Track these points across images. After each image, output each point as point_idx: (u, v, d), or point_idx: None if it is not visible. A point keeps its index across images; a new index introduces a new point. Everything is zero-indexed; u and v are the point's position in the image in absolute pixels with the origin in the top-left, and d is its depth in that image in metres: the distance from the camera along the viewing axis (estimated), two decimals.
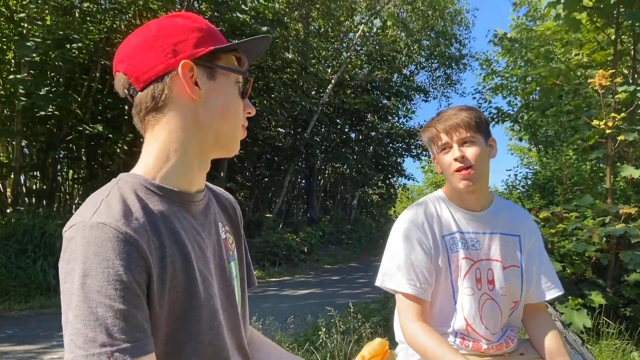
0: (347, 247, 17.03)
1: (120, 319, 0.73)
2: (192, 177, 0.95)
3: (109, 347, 0.71)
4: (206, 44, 0.91)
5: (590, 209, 5.78)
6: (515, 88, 14.85)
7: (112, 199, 0.82)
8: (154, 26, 0.93)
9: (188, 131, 0.92)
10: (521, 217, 1.70)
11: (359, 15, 18.65)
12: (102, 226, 0.76)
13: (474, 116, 1.55)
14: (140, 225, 0.80)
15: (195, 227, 0.93)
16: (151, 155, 0.93)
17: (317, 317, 3.94)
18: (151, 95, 0.90)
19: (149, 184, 0.89)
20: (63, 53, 8.33)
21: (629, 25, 5.93)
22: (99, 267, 0.73)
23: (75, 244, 0.76)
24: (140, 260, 0.77)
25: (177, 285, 0.84)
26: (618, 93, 5.26)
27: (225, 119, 0.94)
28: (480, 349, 1.56)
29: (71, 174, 11.34)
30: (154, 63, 0.89)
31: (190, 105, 0.91)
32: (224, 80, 0.94)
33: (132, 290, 0.76)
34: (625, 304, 5.51)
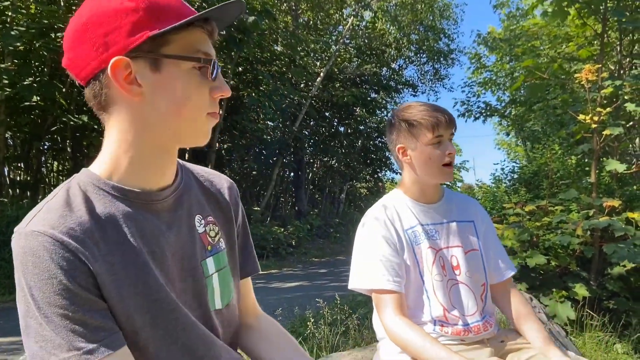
0: (335, 240, 17.09)
1: (79, 324, 0.72)
2: (153, 174, 0.87)
3: (75, 351, 0.71)
4: (142, 28, 0.77)
5: (575, 202, 5.85)
6: (504, 83, 14.96)
7: (54, 203, 0.78)
8: (85, 11, 0.79)
9: (137, 132, 0.82)
10: (471, 204, 1.80)
11: (348, 8, 18.60)
12: (37, 235, 0.73)
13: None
14: (82, 231, 0.75)
15: (158, 226, 0.86)
16: (106, 154, 0.85)
17: (305, 310, 3.94)
18: (92, 95, 0.81)
19: (103, 184, 0.83)
20: (47, 42, 8.20)
21: (615, 21, 5.99)
22: (42, 279, 0.71)
23: (16, 254, 0.73)
24: (82, 266, 0.74)
25: (135, 293, 0.79)
26: (604, 88, 5.31)
27: (180, 114, 0.82)
28: (459, 333, 1.58)
29: (56, 166, 11.22)
30: (87, 59, 0.78)
31: (134, 104, 0.80)
32: (173, 69, 0.80)
33: (82, 295, 0.73)
34: (609, 296, 5.59)
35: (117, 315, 0.78)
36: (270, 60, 14.48)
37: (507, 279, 1.72)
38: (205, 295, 0.94)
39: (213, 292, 0.97)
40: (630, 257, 4.75)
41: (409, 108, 1.65)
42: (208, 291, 0.95)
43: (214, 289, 0.97)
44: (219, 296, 0.98)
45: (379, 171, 23.75)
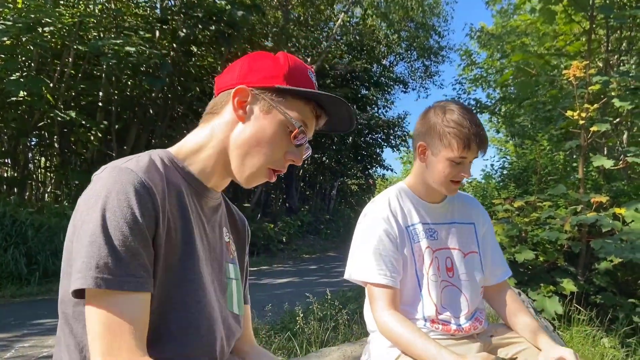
0: (326, 236, 17.12)
1: (130, 254, 0.80)
2: (212, 175, 1.02)
3: (117, 276, 0.79)
4: (274, 77, 0.98)
5: (563, 198, 5.89)
6: (494, 80, 15.03)
7: (142, 158, 0.91)
8: (248, 57, 1.03)
9: (222, 140, 1.00)
10: (474, 205, 1.79)
11: (339, 5, 18.57)
12: (130, 171, 0.85)
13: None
14: (162, 187, 0.88)
15: (201, 216, 1.01)
16: (190, 143, 1.02)
17: (295, 305, 3.94)
18: (215, 102, 1.03)
19: (174, 160, 0.98)
20: (35, 37, 8.10)
21: (602, 18, 6.04)
22: (119, 205, 0.81)
23: (104, 181, 0.84)
24: (153, 211, 0.85)
25: (174, 252, 0.90)
26: (592, 84, 5.35)
27: (253, 149, 0.98)
28: (449, 330, 1.59)
29: (43, 162, 11.10)
30: (228, 80, 1.01)
31: (234, 121, 0.99)
32: (274, 119, 0.98)
33: (143, 233, 0.83)
34: (596, 291, 5.65)
35: (156, 264, 0.87)
36: None
37: (502, 281, 1.74)
38: (225, 294, 1.06)
39: (232, 295, 1.09)
40: (617, 252, 4.79)
41: (451, 113, 1.56)
42: (228, 291, 1.07)
43: (232, 293, 1.09)
44: (236, 303, 1.10)
45: (370, 168, 23.80)
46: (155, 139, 11.71)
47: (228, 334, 1.04)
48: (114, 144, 10.58)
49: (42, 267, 6.88)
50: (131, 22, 11.08)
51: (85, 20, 9.30)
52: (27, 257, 6.82)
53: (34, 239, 7.05)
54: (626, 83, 5.54)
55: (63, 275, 0.90)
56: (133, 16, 11.42)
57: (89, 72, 10.54)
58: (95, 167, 4.16)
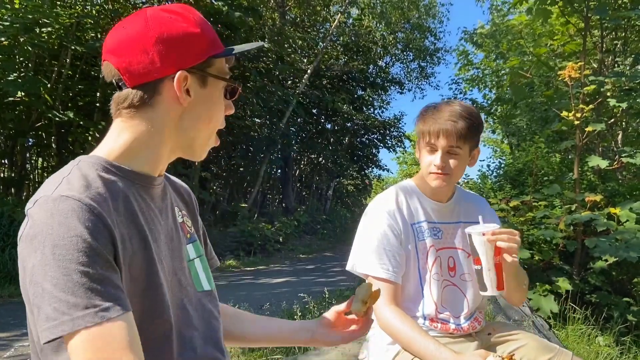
0: (322, 236, 17.12)
1: (97, 282, 0.75)
2: (159, 164, 0.98)
3: (92, 309, 0.73)
4: (203, 50, 0.93)
5: (558, 198, 5.93)
6: (491, 81, 15.04)
7: (73, 176, 0.83)
8: (152, 23, 0.91)
9: (167, 132, 0.94)
10: (480, 205, 1.78)
11: (335, 6, 18.59)
12: (65, 198, 0.77)
13: (470, 126, 1.53)
14: (102, 199, 0.82)
15: (153, 209, 0.96)
16: (119, 142, 0.93)
17: (292, 304, 3.96)
18: (140, 96, 0.91)
19: (109, 164, 0.90)
20: (32, 37, 8.10)
21: (598, 19, 6.08)
22: (67, 237, 0.74)
23: (40, 218, 0.77)
24: (105, 230, 0.78)
25: (136, 264, 0.86)
26: (587, 85, 5.39)
27: (209, 124, 0.98)
28: (448, 329, 1.61)
29: (40, 162, 11.08)
30: (149, 67, 0.89)
31: (176, 109, 0.93)
32: (213, 87, 0.96)
33: (103, 256, 0.77)
34: (591, 290, 5.68)
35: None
36: (258, 57, 14.43)
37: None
38: (190, 278, 1.03)
39: (197, 274, 1.06)
40: (612, 252, 4.82)
41: (434, 106, 1.61)
42: (192, 274, 1.04)
43: (198, 272, 1.07)
44: (205, 279, 1.08)
45: (366, 168, 23.83)
46: None
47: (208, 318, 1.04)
48: None
49: None
50: None
51: (82, 21, 9.30)
52: None
53: None
54: (621, 84, 5.58)
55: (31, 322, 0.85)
56: None
57: (87, 73, 10.53)
58: None
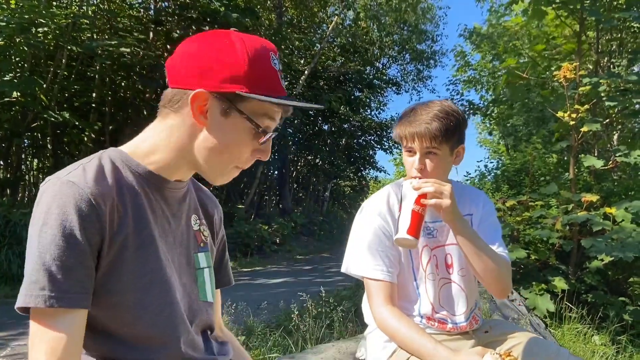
0: (319, 238, 17.12)
1: (63, 270, 0.79)
2: (176, 170, 0.98)
3: (47, 292, 0.78)
4: (237, 83, 0.89)
5: (554, 197, 5.96)
6: (487, 82, 15.11)
7: (89, 165, 0.87)
8: (203, 38, 0.94)
9: (182, 144, 0.95)
10: (473, 195, 1.74)
11: (332, 7, 18.62)
12: (71, 184, 0.82)
13: (446, 126, 1.50)
14: (108, 192, 0.85)
15: (164, 210, 0.97)
16: (147, 141, 0.97)
17: (290, 304, 3.96)
18: (170, 97, 0.94)
19: (129, 160, 0.93)
20: (28, 38, 8.07)
21: (593, 20, 6.11)
22: (57, 219, 0.79)
23: (45, 195, 0.82)
24: (97, 223, 0.82)
25: (132, 258, 0.88)
26: (582, 86, 5.42)
27: (219, 156, 0.95)
28: (445, 328, 1.62)
29: (36, 163, 11.04)
30: (185, 75, 0.91)
31: (195, 127, 0.93)
32: (237, 122, 0.92)
33: (81, 247, 0.81)
34: (587, 290, 5.72)
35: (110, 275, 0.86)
36: None
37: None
38: (195, 284, 1.04)
39: (204, 284, 1.07)
40: (608, 251, 4.86)
41: (411, 109, 1.59)
42: (198, 282, 1.05)
43: (205, 281, 1.07)
44: (210, 291, 1.09)
45: (363, 169, 23.83)
46: None
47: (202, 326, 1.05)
48: (107, 145, 10.52)
49: None
50: (125, 24, 11.06)
51: (78, 21, 9.28)
52: (20, 257, 6.79)
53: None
54: (616, 84, 5.61)
55: None
56: (127, 17, 11.41)
57: (83, 73, 10.51)
58: None
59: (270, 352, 3.26)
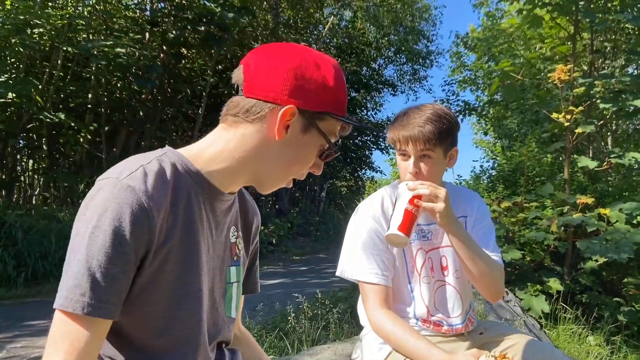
0: (316, 238, 17.11)
1: (107, 279, 0.78)
2: (232, 184, 0.98)
3: (87, 299, 0.77)
4: (323, 103, 0.92)
5: (549, 199, 5.98)
6: (483, 83, 15.15)
7: (150, 168, 0.85)
8: (297, 55, 0.93)
9: (251, 154, 0.93)
10: (467, 197, 1.74)
11: (329, 8, 18.63)
12: (131, 190, 0.80)
13: (439, 129, 1.50)
14: (163, 202, 0.84)
15: (211, 222, 0.96)
16: (212, 148, 0.95)
17: (286, 305, 3.97)
18: (247, 107, 0.92)
19: (189, 167, 0.91)
20: (23, 38, 8.05)
21: (587, 22, 6.14)
22: (111, 225, 0.78)
23: (101, 195, 0.80)
24: (147, 234, 0.81)
25: (174, 269, 0.87)
26: (576, 87, 5.45)
27: (285, 169, 0.97)
28: (440, 330, 1.62)
29: (31, 164, 11.00)
30: (270, 87, 0.90)
31: (269, 139, 0.92)
32: (313, 139, 0.95)
33: (128, 257, 0.80)
34: (582, 290, 5.75)
35: (148, 286, 0.85)
36: None
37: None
38: (224, 299, 1.03)
39: (231, 299, 1.06)
40: (602, 252, 4.88)
41: (404, 112, 1.59)
42: (226, 297, 1.04)
43: (232, 296, 1.07)
44: (234, 306, 1.08)
45: (359, 170, 23.84)
46: (145, 141, 11.67)
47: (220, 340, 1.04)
48: (103, 146, 10.53)
49: (31, 270, 6.84)
50: (121, 24, 11.04)
51: (74, 22, 9.25)
52: (16, 259, 6.77)
53: (23, 241, 7.01)
54: (610, 85, 5.64)
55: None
56: (123, 18, 11.39)
57: (78, 74, 10.49)
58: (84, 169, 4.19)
59: (267, 353, 3.26)
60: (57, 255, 7.09)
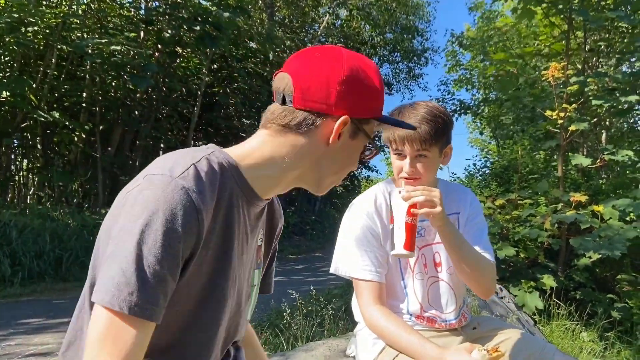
0: (312, 237, 17.13)
1: (156, 280, 0.76)
2: (272, 191, 0.98)
3: (134, 298, 0.74)
4: (373, 109, 0.96)
5: (543, 196, 6.02)
6: (478, 82, 15.21)
7: (201, 168, 0.83)
8: (347, 63, 0.93)
9: (303, 163, 0.94)
10: (460, 193, 1.74)
11: (324, 8, 18.64)
12: (185, 191, 0.78)
13: (435, 128, 1.51)
14: (211, 204, 0.82)
15: (247, 226, 0.95)
16: (256, 152, 0.94)
17: (281, 303, 3.97)
18: (300, 120, 0.92)
19: (235, 169, 0.91)
20: (17, 37, 8.02)
21: (581, 20, 6.17)
22: (164, 225, 0.75)
23: (153, 192, 0.78)
24: (195, 236, 0.80)
25: (207, 272, 0.86)
26: (570, 85, 5.48)
27: (338, 171, 0.99)
28: (433, 325, 1.64)
29: (26, 164, 10.95)
30: (323, 100, 0.91)
31: (321, 148, 0.94)
32: (360, 142, 0.98)
33: (177, 259, 0.78)
34: (575, 287, 5.78)
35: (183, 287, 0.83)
36: (246, 57, 14.40)
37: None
38: (247, 302, 1.03)
39: (251, 302, 1.07)
40: (596, 249, 4.91)
41: (398, 111, 1.59)
42: (249, 300, 1.05)
43: (252, 299, 1.08)
44: (252, 308, 1.09)
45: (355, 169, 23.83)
46: (140, 140, 11.64)
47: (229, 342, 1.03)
48: (97, 145, 10.49)
49: (27, 269, 6.81)
50: (115, 23, 11.01)
51: (68, 21, 9.22)
52: (11, 258, 6.74)
53: (18, 240, 6.98)
54: (604, 83, 5.68)
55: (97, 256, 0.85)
56: (117, 17, 11.35)
57: (73, 73, 10.45)
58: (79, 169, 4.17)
59: None
60: (51, 255, 7.07)
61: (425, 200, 1.40)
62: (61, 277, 7.01)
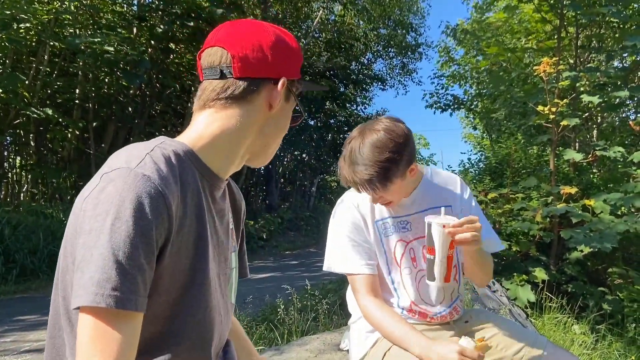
0: (306, 233, 17.14)
1: (136, 270, 0.75)
2: (230, 167, 0.99)
3: (119, 292, 0.73)
4: (297, 70, 1.01)
5: (535, 190, 6.06)
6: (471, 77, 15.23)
7: (156, 156, 0.83)
8: (270, 28, 0.99)
9: (250, 132, 0.97)
10: (449, 184, 1.72)
11: (317, 3, 18.58)
12: (147, 179, 0.78)
13: (385, 169, 1.45)
14: (175, 190, 0.82)
15: (212, 210, 0.95)
16: (207, 132, 0.94)
17: (276, 298, 4.00)
18: (244, 88, 0.94)
19: (191, 154, 0.91)
20: (10, 33, 7.96)
21: (573, 16, 6.21)
22: (132, 215, 0.75)
23: (115, 187, 0.77)
24: (167, 222, 0.79)
25: (186, 257, 0.85)
26: (562, 80, 5.51)
27: (275, 140, 1.03)
28: (425, 318, 1.66)
29: (19, 161, 10.90)
30: (262, 64, 0.95)
31: (264, 113, 0.97)
32: (291, 105, 1.03)
33: (152, 247, 0.77)
34: (567, 280, 5.83)
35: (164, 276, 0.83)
36: None
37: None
38: (227, 287, 1.03)
39: (232, 286, 1.07)
40: (587, 242, 4.95)
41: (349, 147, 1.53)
42: (229, 283, 1.05)
43: (233, 283, 1.08)
44: (234, 292, 1.10)
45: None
46: (134, 137, 11.60)
47: (226, 329, 1.03)
48: (91, 142, 10.46)
49: (20, 266, 6.81)
50: (108, 19, 10.95)
51: (61, 17, 9.17)
52: (4, 255, 6.74)
53: (11, 237, 6.97)
54: (595, 79, 5.72)
55: (66, 271, 0.83)
56: (110, 13, 11.28)
57: (65, 69, 10.39)
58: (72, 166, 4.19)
59: (256, 345, 3.29)
60: (45, 251, 7.07)
61: (472, 237, 1.35)
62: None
